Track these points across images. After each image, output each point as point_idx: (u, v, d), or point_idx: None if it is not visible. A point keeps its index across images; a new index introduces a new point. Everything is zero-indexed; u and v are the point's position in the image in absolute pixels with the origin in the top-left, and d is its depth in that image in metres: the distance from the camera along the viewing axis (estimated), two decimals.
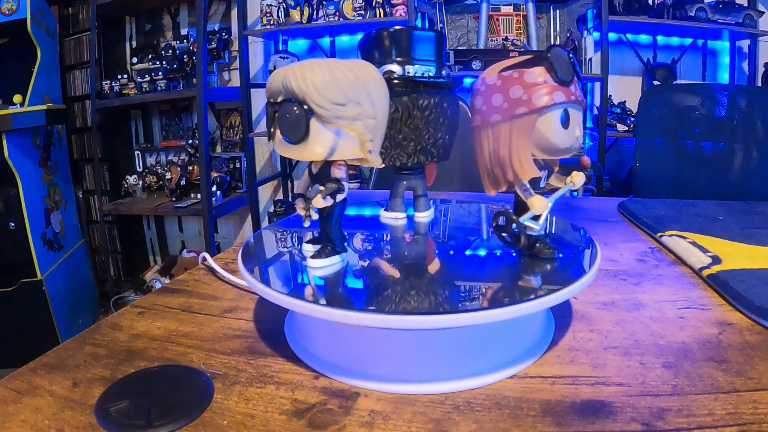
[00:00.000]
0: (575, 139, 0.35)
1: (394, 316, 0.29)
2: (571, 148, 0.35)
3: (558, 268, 0.38)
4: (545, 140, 0.34)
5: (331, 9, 2.11)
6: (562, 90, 0.33)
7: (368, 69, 0.33)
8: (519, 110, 0.33)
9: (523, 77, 0.33)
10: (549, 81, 0.33)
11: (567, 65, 0.34)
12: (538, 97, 0.33)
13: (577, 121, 0.35)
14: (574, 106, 0.34)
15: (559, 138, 0.34)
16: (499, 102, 0.34)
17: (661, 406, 0.29)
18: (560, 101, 0.33)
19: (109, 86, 2.39)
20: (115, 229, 2.76)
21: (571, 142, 0.35)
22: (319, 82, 0.31)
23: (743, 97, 1.23)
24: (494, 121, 0.35)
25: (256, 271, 0.36)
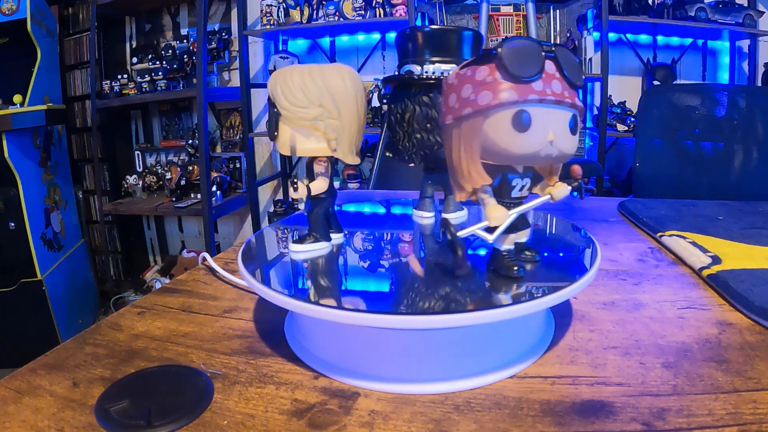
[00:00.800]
0: (544, 144, 0.30)
1: (394, 316, 0.29)
2: (536, 154, 0.30)
3: (558, 268, 0.38)
4: (493, 144, 0.30)
5: (331, 9, 2.11)
6: (516, 88, 0.29)
7: (339, 74, 0.36)
8: (465, 111, 0.31)
9: (474, 75, 0.31)
10: (498, 78, 0.30)
11: (526, 60, 0.30)
12: (483, 96, 0.30)
13: (549, 123, 0.30)
14: (543, 106, 0.30)
15: (511, 142, 0.30)
16: (453, 102, 0.32)
17: (661, 406, 0.29)
18: (509, 100, 0.29)
19: (109, 86, 2.40)
20: (115, 229, 2.76)
21: (534, 147, 0.30)
22: (284, 85, 0.36)
23: (743, 97, 1.23)
24: (448, 123, 0.32)
25: (257, 271, 0.36)
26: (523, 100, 0.29)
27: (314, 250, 0.40)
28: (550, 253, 0.42)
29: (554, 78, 0.30)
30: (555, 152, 0.31)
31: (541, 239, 0.47)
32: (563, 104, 0.30)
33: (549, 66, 0.30)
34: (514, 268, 0.34)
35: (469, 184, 0.32)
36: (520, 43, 0.30)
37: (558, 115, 0.30)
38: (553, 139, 0.30)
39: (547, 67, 0.30)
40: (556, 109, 0.30)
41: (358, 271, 0.38)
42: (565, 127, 0.31)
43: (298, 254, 0.40)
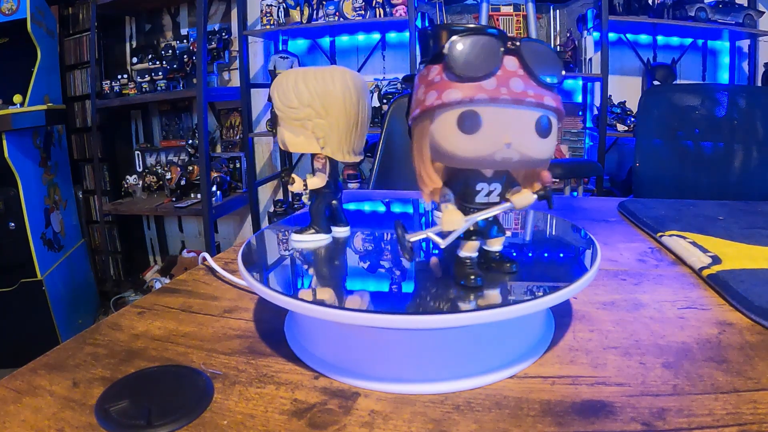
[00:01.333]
0: (498, 147, 0.28)
1: (394, 316, 0.29)
2: (489, 158, 0.28)
3: (558, 267, 0.38)
4: (438, 146, 0.29)
5: (331, 9, 2.11)
6: (461, 87, 0.28)
7: (331, 77, 0.38)
8: (415, 112, 0.30)
9: (428, 74, 0.29)
10: (444, 78, 0.28)
11: (476, 57, 0.28)
12: (429, 96, 0.29)
13: (506, 124, 0.28)
14: (498, 105, 0.28)
15: (457, 144, 0.28)
16: (412, 102, 0.31)
17: (661, 406, 0.29)
18: (453, 101, 0.28)
19: (109, 86, 2.40)
20: (115, 229, 2.76)
21: (485, 150, 0.28)
22: (279, 88, 0.39)
23: (743, 97, 1.24)
24: (409, 123, 0.31)
25: (256, 271, 0.36)
26: (470, 100, 0.27)
27: (314, 240, 0.43)
28: (551, 253, 0.42)
29: (515, 75, 0.28)
30: (515, 156, 0.28)
31: (541, 239, 0.47)
32: (525, 104, 0.28)
33: (510, 62, 0.28)
34: (471, 277, 0.32)
35: (424, 186, 0.31)
36: (470, 39, 0.28)
37: (519, 115, 0.28)
38: (511, 141, 0.28)
39: (508, 63, 0.28)
40: (515, 109, 0.28)
41: (358, 271, 0.38)
42: (529, 129, 0.28)
43: (298, 243, 0.42)
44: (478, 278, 0.32)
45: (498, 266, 0.34)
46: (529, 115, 0.28)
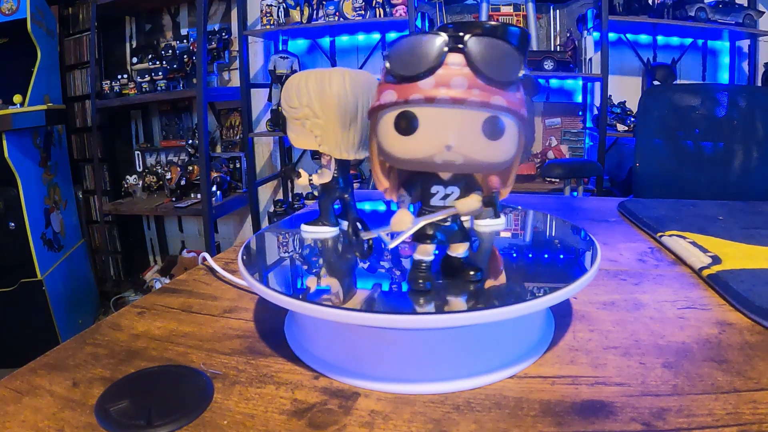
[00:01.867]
0: (438, 149, 0.27)
1: (394, 316, 0.29)
2: (429, 160, 0.27)
3: (558, 267, 0.38)
4: (381, 147, 0.29)
5: (331, 9, 2.11)
6: (396, 88, 0.27)
7: (329, 78, 0.40)
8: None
9: (381, 76, 0.29)
10: (384, 79, 0.28)
11: (413, 57, 0.27)
12: (373, 98, 0.29)
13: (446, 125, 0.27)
14: (436, 106, 0.27)
15: (395, 146, 0.28)
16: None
17: (661, 406, 0.29)
18: (389, 102, 0.27)
19: (109, 86, 2.40)
20: (115, 229, 2.76)
21: (423, 152, 0.27)
22: (286, 89, 0.41)
23: (743, 97, 1.23)
24: None
25: (256, 271, 0.36)
26: (404, 101, 0.27)
27: (320, 232, 0.45)
28: (551, 253, 0.42)
29: (458, 74, 0.26)
30: (458, 159, 0.27)
31: (541, 239, 0.47)
32: (468, 104, 0.26)
33: (455, 60, 0.27)
34: (419, 280, 0.31)
35: (377, 186, 0.32)
36: (409, 39, 0.27)
37: (462, 116, 0.27)
38: (452, 143, 0.27)
39: (452, 61, 0.27)
40: (457, 109, 0.26)
41: (359, 271, 0.38)
42: (475, 131, 0.27)
43: (306, 234, 0.46)
44: (427, 282, 0.31)
45: (461, 272, 0.33)
46: (475, 116, 0.26)
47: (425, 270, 0.32)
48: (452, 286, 0.33)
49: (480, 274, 0.33)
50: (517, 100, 0.28)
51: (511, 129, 0.27)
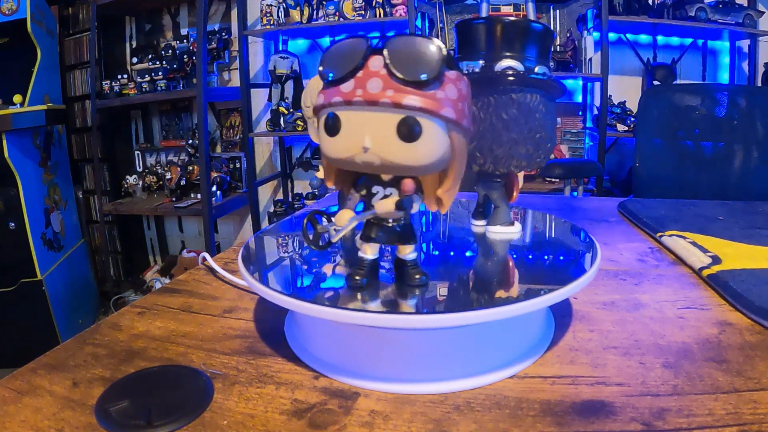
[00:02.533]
0: (356, 150, 0.27)
1: (394, 316, 0.29)
2: (350, 161, 0.28)
3: (558, 267, 0.38)
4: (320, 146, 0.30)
5: (331, 9, 2.11)
6: (324, 91, 0.28)
7: None
8: None
9: None
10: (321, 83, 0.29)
11: (339, 59, 0.28)
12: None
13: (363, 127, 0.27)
14: (354, 108, 0.27)
15: (325, 146, 0.29)
16: None
17: (661, 406, 0.29)
18: (319, 104, 0.28)
19: (109, 86, 2.40)
20: (115, 229, 2.76)
21: (345, 152, 0.28)
22: (306, 88, 0.43)
23: (743, 97, 1.23)
24: None
25: (256, 271, 0.36)
26: (329, 104, 0.28)
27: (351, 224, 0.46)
28: (551, 253, 0.42)
29: (375, 76, 0.27)
30: (376, 160, 0.27)
31: (542, 239, 0.47)
32: (381, 105, 0.26)
33: (375, 62, 0.27)
34: (355, 277, 0.32)
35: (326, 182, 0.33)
36: (337, 44, 0.28)
37: (377, 118, 0.27)
38: (369, 145, 0.27)
39: (373, 63, 0.27)
40: (373, 111, 0.27)
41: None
42: (390, 133, 0.27)
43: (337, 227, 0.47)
44: (363, 279, 0.32)
45: (406, 275, 0.33)
46: (389, 118, 0.27)
47: (364, 267, 0.32)
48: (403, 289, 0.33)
49: (424, 278, 0.32)
50: (438, 101, 0.27)
51: (430, 131, 0.27)
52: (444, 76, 0.27)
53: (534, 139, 0.41)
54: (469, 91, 0.29)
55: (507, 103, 0.39)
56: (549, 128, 0.42)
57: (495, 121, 0.40)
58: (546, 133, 0.41)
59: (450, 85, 0.27)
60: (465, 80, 0.29)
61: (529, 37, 0.40)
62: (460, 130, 0.28)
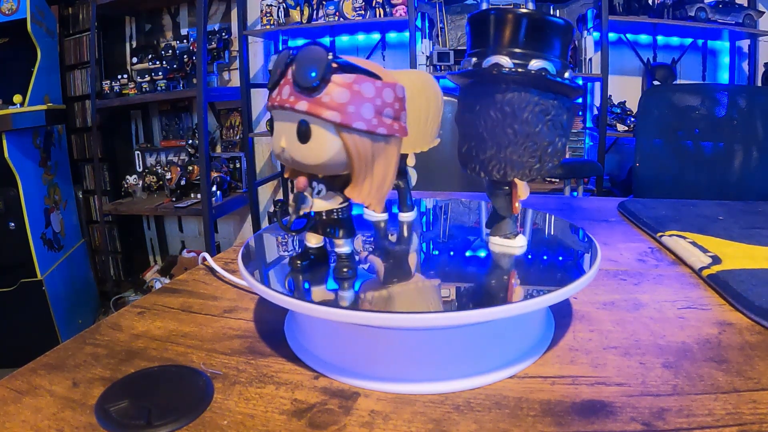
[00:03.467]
0: (279, 150, 0.31)
1: (394, 315, 0.29)
2: (281, 156, 0.31)
3: (558, 267, 0.38)
4: None
5: (331, 9, 2.11)
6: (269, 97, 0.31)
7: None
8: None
9: None
10: None
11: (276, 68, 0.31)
12: None
13: (281, 129, 0.30)
14: (276, 113, 0.31)
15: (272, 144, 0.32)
16: None
17: (661, 406, 0.29)
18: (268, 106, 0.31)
19: (109, 86, 2.39)
20: (115, 229, 2.76)
21: (276, 150, 0.31)
22: None
23: (743, 97, 1.23)
24: None
25: (256, 271, 0.36)
26: (269, 107, 0.31)
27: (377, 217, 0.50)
28: (551, 253, 0.42)
29: (287, 83, 0.30)
30: (289, 159, 0.31)
31: (542, 239, 0.47)
32: (286, 110, 0.29)
33: (290, 71, 0.30)
34: (297, 261, 0.36)
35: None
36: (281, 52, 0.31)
37: (288, 122, 0.30)
38: (285, 146, 0.30)
39: (290, 72, 0.30)
40: (284, 113, 0.30)
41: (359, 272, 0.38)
42: (294, 134, 0.30)
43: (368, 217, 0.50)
44: (302, 263, 0.36)
45: (336, 267, 0.35)
46: (292, 122, 0.30)
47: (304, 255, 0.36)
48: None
49: (350, 272, 0.34)
50: (321, 105, 0.28)
51: (318, 132, 0.29)
52: (330, 81, 0.29)
53: (522, 143, 0.37)
54: (383, 94, 0.30)
55: (490, 103, 0.37)
56: (546, 132, 0.37)
57: (479, 123, 0.37)
58: (541, 137, 0.37)
59: (339, 89, 0.29)
60: (369, 84, 0.29)
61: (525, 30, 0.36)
62: (353, 131, 0.29)
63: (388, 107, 0.30)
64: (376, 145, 0.30)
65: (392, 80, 0.30)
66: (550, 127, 0.37)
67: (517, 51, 0.35)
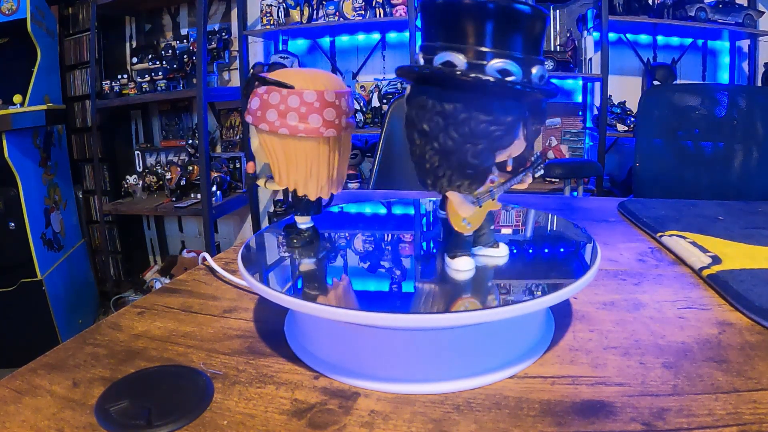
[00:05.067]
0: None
1: (394, 315, 0.29)
2: None
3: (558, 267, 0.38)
4: None
5: (331, 9, 2.11)
6: None
7: None
8: None
9: None
10: None
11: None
12: None
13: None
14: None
15: None
16: None
17: (661, 406, 0.29)
18: None
19: (109, 86, 2.39)
20: (115, 229, 2.75)
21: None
22: None
23: (743, 97, 1.23)
24: None
25: (256, 271, 0.36)
26: None
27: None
28: (551, 253, 0.42)
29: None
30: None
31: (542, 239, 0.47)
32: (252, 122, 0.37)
33: None
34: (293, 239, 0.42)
35: None
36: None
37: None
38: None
39: None
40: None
41: (359, 271, 0.38)
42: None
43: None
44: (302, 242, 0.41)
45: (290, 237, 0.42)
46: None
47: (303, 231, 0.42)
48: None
49: (299, 242, 0.41)
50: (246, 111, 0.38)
51: (252, 131, 0.38)
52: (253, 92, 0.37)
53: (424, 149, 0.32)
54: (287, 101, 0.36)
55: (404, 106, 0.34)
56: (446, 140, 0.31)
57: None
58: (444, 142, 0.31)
59: (255, 98, 0.37)
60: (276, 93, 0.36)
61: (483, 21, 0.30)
62: (262, 131, 0.37)
63: (292, 111, 0.35)
64: (283, 142, 0.36)
65: (303, 89, 0.36)
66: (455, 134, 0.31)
67: (474, 48, 0.30)
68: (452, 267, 0.36)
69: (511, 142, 0.32)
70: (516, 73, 0.30)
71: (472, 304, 0.31)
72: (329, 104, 0.36)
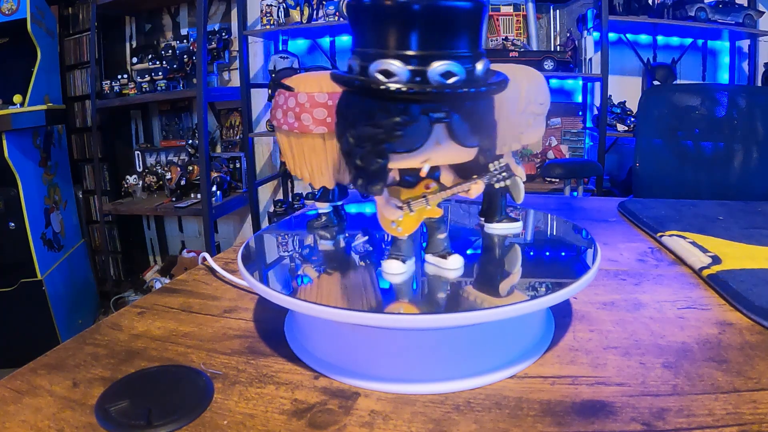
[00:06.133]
0: None
1: (394, 316, 0.29)
2: None
3: (558, 267, 0.38)
4: None
5: (331, 9, 2.11)
6: None
7: None
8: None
9: None
10: None
11: None
12: None
13: None
14: None
15: None
16: None
17: (661, 406, 0.29)
18: None
19: (109, 86, 2.39)
20: (115, 229, 2.75)
21: None
22: None
23: (743, 97, 1.23)
24: None
25: (256, 271, 0.36)
26: None
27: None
28: (551, 253, 0.42)
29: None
30: None
31: (542, 239, 0.47)
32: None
33: None
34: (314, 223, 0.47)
35: None
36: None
37: None
38: None
39: None
40: None
41: (359, 272, 0.38)
42: None
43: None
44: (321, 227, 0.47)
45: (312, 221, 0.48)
46: None
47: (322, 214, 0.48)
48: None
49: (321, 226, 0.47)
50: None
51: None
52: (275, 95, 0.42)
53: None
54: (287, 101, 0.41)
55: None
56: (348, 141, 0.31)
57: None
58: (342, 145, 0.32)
59: (274, 100, 0.43)
60: (282, 95, 0.41)
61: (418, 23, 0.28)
62: (275, 128, 0.43)
63: (290, 111, 0.40)
64: (289, 139, 0.42)
65: (299, 91, 0.40)
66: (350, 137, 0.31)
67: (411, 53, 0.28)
68: (383, 269, 0.36)
69: (413, 147, 0.29)
70: (459, 73, 0.29)
71: (472, 304, 0.31)
72: (320, 104, 0.40)
